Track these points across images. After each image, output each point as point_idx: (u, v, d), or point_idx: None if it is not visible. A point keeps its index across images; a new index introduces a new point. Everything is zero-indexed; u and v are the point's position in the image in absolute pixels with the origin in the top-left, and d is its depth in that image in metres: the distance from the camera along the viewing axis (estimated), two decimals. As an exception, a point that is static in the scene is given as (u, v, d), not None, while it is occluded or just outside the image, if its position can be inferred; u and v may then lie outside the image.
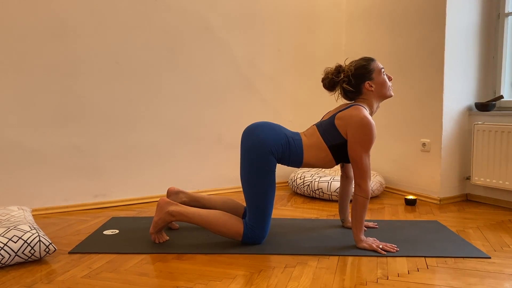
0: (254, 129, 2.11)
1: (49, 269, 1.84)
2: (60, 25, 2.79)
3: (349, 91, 2.17)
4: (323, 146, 2.11)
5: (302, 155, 2.11)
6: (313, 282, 1.71)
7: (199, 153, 3.35)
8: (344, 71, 2.16)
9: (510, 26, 3.09)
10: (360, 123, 2.02)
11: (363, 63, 2.15)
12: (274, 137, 2.07)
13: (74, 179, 2.91)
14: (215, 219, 2.09)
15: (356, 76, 2.13)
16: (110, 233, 2.35)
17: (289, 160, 2.12)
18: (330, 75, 2.18)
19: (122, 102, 3.03)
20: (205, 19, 3.28)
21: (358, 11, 3.75)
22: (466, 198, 3.21)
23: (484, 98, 3.20)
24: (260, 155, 2.04)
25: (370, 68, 2.14)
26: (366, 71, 2.14)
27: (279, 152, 2.07)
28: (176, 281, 1.72)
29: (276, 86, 3.65)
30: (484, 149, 2.97)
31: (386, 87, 2.17)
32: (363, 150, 2.03)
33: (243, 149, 2.10)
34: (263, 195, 2.06)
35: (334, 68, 2.19)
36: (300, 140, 2.13)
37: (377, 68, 2.15)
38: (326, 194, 3.13)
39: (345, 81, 2.15)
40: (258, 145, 2.05)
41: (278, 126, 2.15)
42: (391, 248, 2.05)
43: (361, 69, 2.14)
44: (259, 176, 2.04)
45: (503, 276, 1.77)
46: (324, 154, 2.12)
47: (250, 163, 2.05)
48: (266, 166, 2.04)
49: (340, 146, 2.10)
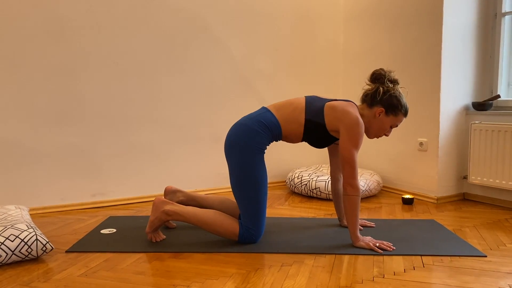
0: (229, 138, 2.12)
1: (46, 268, 1.85)
2: (58, 24, 2.79)
3: (373, 96, 2.13)
4: (300, 117, 2.11)
5: (280, 128, 2.12)
6: (309, 281, 1.71)
7: (197, 152, 3.36)
8: (393, 84, 2.13)
9: (507, 26, 3.10)
10: (353, 123, 2.04)
11: (402, 102, 2.12)
12: (249, 131, 2.08)
13: (72, 178, 2.91)
14: (211, 219, 2.09)
15: (388, 99, 2.11)
16: (108, 232, 2.35)
17: (272, 138, 2.13)
18: (386, 74, 2.14)
19: (120, 101, 3.03)
20: (203, 19, 3.29)
21: (356, 11, 3.76)
22: (463, 197, 3.22)
23: (481, 98, 3.21)
24: (245, 156, 2.05)
25: (398, 110, 2.12)
26: (395, 106, 2.11)
27: (263, 140, 2.08)
28: (172, 280, 1.72)
29: (274, 85, 3.65)
30: (481, 148, 2.98)
31: (380, 130, 2.15)
32: (355, 149, 2.05)
33: (228, 158, 2.12)
34: (255, 196, 2.07)
35: (394, 76, 2.16)
36: (268, 112, 2.14)
37: (398, 116, 2.14)
38: (323, 193, 3.14)
39: (386, 87, 2.12)
40: (240, 149, 2.06)
41: (246, 118, 2.14)
42: (388, 246, 2.06)
43: (396, 101, 2.11)
44: (248, 177, 2.05)
45: (499, 274, 1.78)
46: (296, 125, 2.12)
47: (238, 167, 2.07)
48: (253, 165, 2.05)
49: (314, 125, 2.10)
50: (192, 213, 2.10)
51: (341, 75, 3.95)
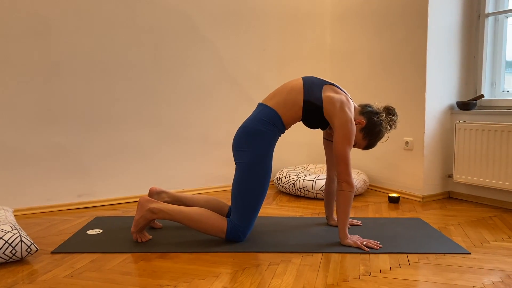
0: (239, 142, 2.14)
1: (30, 269, 1.83)
2: (43, 23, 2.76)
3: (371, 110, 2.22)
4: (298, 98, 2.13)
5: (280, 118, 2.14)
6: (296, 279, 1.72)
7: (185, 152, 3.35)
8: (387, 119, 2.21)
9: (490, 27, 3.14)
10: (348, 122, 2.08)
11: (376, 136, 2.20)
12: (256, 132, 2.10)
13: (58, 178, 2.88)
14: (197, 216, 2.09)
15: (374, 121, 2.18)
16: (94, 232, 2.33)
17: (278, 132, 2.16)
18: (395, 113, 2.24)
19: (106, 101, 3.01)
20: (191, 19, 3.27)
21: (342, 11, 3.78)
22: (448, 195, 3.26)
23: (465, 97, 3.26)
24: (257, 160, 2.09)
25: (368, 135, 2.20)
26: (371, 130, 2.19)
27: (271, 138, 2.11)
28: (159, 280, 1.71)
29: (261, 85, 3.65)
30: (466, 147, 3.02)
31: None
32: (348, 146, 2.08)
33: (238, 156, 2.13)
34: (256, 197, 2.09)
35: (395, 114, 2.24)
36: (267, 107, 2.15)
37: (363, 139, 2.21)
38: (311, 193, 3.15)
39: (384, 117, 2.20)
40: (250, 151, 2.09)
41: (250, 120, 2.16)
42: (375, 245, 2.08)
43: (377, 129, 2.19)
44: (256, 175, 2.08)
45: (483, 271, 1.80)
46: (294, 106, 2.13)
47: (248, 164, 2.09)
48: (263, 165, 2.10)
49: (313, 107, 2.12)
50: (178, 210, 2.09)
51: (328, 75, 3.97)
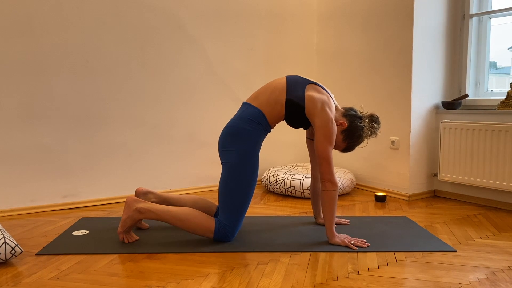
0: (224, 140, 2.13)
1: (15, 272, 1.79)
2: (27, 21, 2.71)
3: (355, 113, 2.23)
4: (281, 97, 2.14)
5: (265, 117, 2.14)
6: (285, 279, 1.72)
7: (171, 152, 3.32)
8: (370, 125, 2.22)
9: (474, 27, 3.19)
10: (329, 121, 2.09)
11: (356, 140, 2.22)
12: (242, 131, 2.09)
13: (42, 179, 2.83)
14: (185, 216, 2.07)
15: (357, 125, 2.19)
16: (80, 233, 2.30)
17: (264, 131, 2.16)
18: (378, 120, 2.25)
19: (91, 100, 2.97)
20: (177, 17, 3.25)
21: (329, 11, 3.79)
22: (434, 194, 3.30)
23: (450, 97, 3.30)
24: (242, 156, 2.07)
25: (348, 137, 2.21)
26: (351, 133, 2.20)
27: (257, 136, 2.11)
28: (147, 281, 1.70)
29: (248, 84, 3.65)
30: (451, 146, 3.06)
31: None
32: (329, 145, 2.09)
33: (224, 156, 2.13)
34: (243, 196, 2.08)
35: (378, 122, 2.26)
36: (251, 106, 2.16)
37: (342, 141, 2.22)
38: (298, 192, 3.16)
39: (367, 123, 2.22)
40: (237, 149, 2.08)
41: (235, 119, 2.16)
42: (362, 243, 2.09)
43: (358, 133, 2.20)
44: (243, 175, 2.07)
45: (468, 268, 1.83)
46: (277, 105, 2.14)
47: (234, 164, 2.08)
48: (250, 165, 2.09)
49: (295, 106, 2.13)
50: (166, 210, 2.08)
51: (315, 74, 3.99)
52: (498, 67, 3.29)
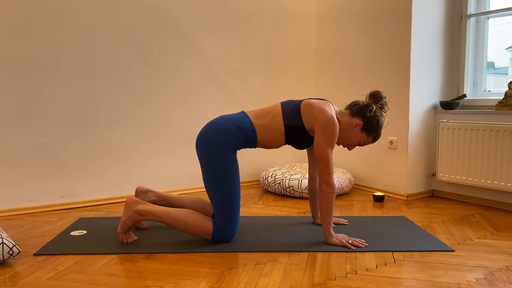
0: (203, 135, 2.11)
1: (13, 272, 1.79)
2: (25, 21, 2.71)
3: (359, 107, 2.18)
4: (279, 124, 2.12)
5: (256, 135, 2.13)
6: (283, 279, 1.72)
7: (169, 152, 3.32)
8: (379, 109, 2.17)
9: (472, 27, 3.19)
10: (327, 122, 2.06)
11: (378, 127, 2.17)
12: (224, 131, 2.07)
13: (40, 179, 2.83)
14: (184, 218, 2.07)
15: (369, 116, 2.14)
16: (78, 234, 2.30)
17: (245, 143, 2.13)
18: (383, 97, 2.19)
19: (89, 100, 2.97)
20: (175, 17, 3.25)
21: (327, 11, 3.80)
22: (432, 194, 3.30)
23: (449, 97, 3.30)
24: (217, 155, 2.04)
25: (371, 131, 2.16)
26: (371, 126, 2.15)
27: (236, 142, 2.08)
28: (145, 281, 1.70)
29: (246, 84, 3.65)
30: (449, 146, 3.06)
31: (350, 143, 2.18)
32: (329, 147, 2.07)
33: (199, 156, 2.11)
34: (227, 195, 2.06)
35: (386, 103, 2.20)
36: (247, 117, 2.14)
37: (368, 136, 2.17)
38: (296, 192, 3.16)
39: (373, 109, 2.15)
40: (212, 147, 2.05)
41: (223, 118, 2.14)
42: (360, 243, 2.09)
43: (375, 122, 2.15)
44: (220, 176, 2.05)
45: (466, 268, 1.83)
46: (276, 132, 2.13)
47: (210, 166, 2.06)
48: (225, 164, 2.04)
49: (294, 129, 2.12)
50: (166, 212, 2.08)
51: (313, 74, 3.99)
52: (496, 67, 3.30)
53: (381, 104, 2.18)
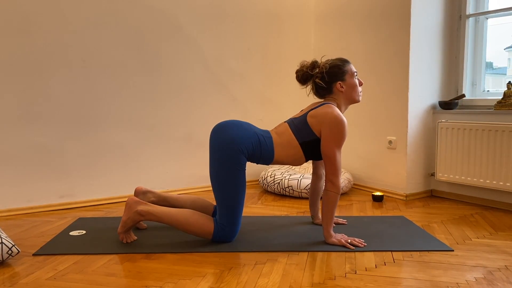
0: (223, 128, 2.09)
1: (12, 272, 1.79)
2: (24, 20, 2.70)
3: (320, 88, 2.20)
4: (295, 143, 2.12)
5: (273, 153, 2.12)
6: (283, 278, 1.72)
7: (169, 152, 3.32)
8: (319, 67, 2.19)
9: (470, 27, 3.20)
10: (334, 121, 2.05)
11: (338, 63, 2.18)
12: (244, 135, 2.07)
13: (39, 179, 2.82)
14: (185, 218, 2.07)
15: (330, 74, 2.16)
16: (77, 234, 2.29)
17: (259, 158, 2.11)
18: (305, 68, 2.21)
19: (88, 100, 2.96)
20: (174, 17, 3.25)
21: (326, 11, 3.80)
22: (431, 194, 3.31)
23: (447, 97, 3.31)
24: (230, 154, 2.02)
25: (344, 69, 2.17)
26: (340, 71, 2.17)
27: (249, 151, 2.07)
28: (145, 281, 1.70)
29: (246, 84, 3.65)
30: (448, 146, 3.07)
31: (356, 91, 2.21)
32: (337, 147, 2.06)
33: (212, 148, 2.08)
34: (233, 194, 2.05)
35: (310, 62, 2.21)
36: (271, 138, 2.14)
37: (350, 71, 2.19)
38: (296, 192, 3.16)
39: (318, 76, 2.18)
40: (228, 144, 2.03)
41: (248, 124, 2.15)
42: (359, 243, 2.09)
43: (335, 68, 2.17)
44: (229, 175, 2.03)
45: (465, 267, 1.83)
46: (295, 151, 2.13)
47: (220, 162, 2.04)
48: (236, 165, 2.03)
49: (311, 143, 2.12)
50: (166, 212, 2.07)
51: (313, 74, 3.98)
52: (494, 67, 3.31)
53: (312, 69, 2.19)
